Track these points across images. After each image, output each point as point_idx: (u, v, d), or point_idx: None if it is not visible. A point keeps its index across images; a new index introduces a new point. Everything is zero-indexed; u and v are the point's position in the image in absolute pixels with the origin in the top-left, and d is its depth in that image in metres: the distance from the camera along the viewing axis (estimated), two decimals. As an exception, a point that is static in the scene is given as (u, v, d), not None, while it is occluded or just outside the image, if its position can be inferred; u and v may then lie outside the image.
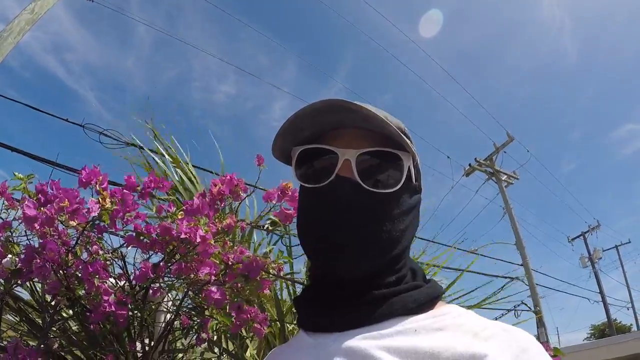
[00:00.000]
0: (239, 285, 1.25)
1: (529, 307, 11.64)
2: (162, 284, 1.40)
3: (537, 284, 12.92)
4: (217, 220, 1.27)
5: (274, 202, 1.33)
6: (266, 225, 1.39)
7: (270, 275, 1.42)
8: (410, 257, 0.76)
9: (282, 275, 1.40)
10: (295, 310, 0.79)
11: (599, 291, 22.24)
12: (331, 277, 0.69)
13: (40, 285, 1.59)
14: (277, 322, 2.12)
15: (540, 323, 11.78)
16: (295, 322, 2.04)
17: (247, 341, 2.23)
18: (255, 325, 1.31)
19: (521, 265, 13.21)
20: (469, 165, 15.48)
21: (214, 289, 1.26)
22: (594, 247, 24.12)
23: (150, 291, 1.43)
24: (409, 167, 0.69)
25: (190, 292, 1.59)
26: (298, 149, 0.71)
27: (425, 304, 0.66)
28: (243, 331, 1.83)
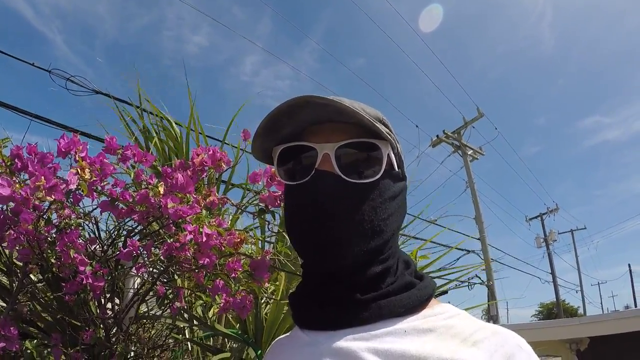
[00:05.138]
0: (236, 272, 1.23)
1: (482, 281, 12.13)
2: (146, 261, 1.38)
3: (491, 259, 13.45)
4: (200, 196, 1.24)
5: (260, 183, 1.30)
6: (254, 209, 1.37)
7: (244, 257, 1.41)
8: (402, 249, 0.77)
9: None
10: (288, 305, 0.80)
11: (550, 272, 23.39)
12: (319, 271, 0.70)
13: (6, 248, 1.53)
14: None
15: (492, 297, 12.33)
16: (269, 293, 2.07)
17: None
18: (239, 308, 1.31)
19: (478, 239, 13.69)
20: (437, 136, 15.70)
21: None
22: (551, 229, 25.24)
23: (134, 269, 1.41)
24: (388, 155, 0.69)
25: (163, 259, 1.57)
26: (278, 148, 0.72)
27: (414, 307, 0.67)
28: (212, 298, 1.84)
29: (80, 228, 1.43)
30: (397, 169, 0.73)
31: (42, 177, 0.99)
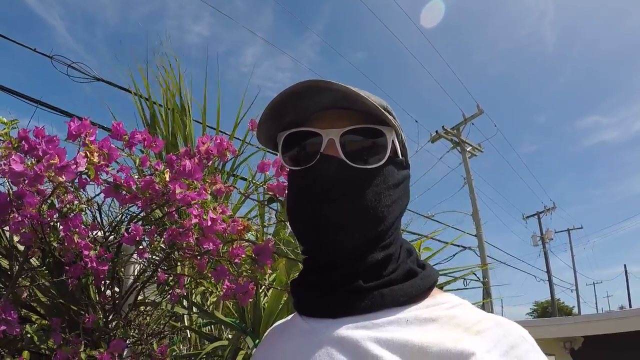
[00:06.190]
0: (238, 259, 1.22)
1: (478, 278, 12.12)
2: (147, 248, 1.37)
3: (487, 256, 13.45)
4: (206, 184, 1.23)
5: (267, 173, 1.30)
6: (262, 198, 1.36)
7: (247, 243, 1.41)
8: (404, 238, 0.76)
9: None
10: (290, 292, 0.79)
11: (546, 270, 23.36)
12: (320, 258, 0.69)
13: (8, 231, 1.52)
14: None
15: (487, 294, 12.35)
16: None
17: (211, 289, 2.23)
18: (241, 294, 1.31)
19: (475, 235, 13.70)
20: (436, 132, 15.68)
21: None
22: (547, 227, 25.07)
23: (136, 255, 1.40)
24: (392, 141, 0.69)
25: (164, 246, 1.57)
26: (283, 134, 0.72)
27: (417, 296, 0.66)
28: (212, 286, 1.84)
29: (83, 213, 1.42)
30: (400, 157, 0.73)
31: (56, 156, 0.99)
